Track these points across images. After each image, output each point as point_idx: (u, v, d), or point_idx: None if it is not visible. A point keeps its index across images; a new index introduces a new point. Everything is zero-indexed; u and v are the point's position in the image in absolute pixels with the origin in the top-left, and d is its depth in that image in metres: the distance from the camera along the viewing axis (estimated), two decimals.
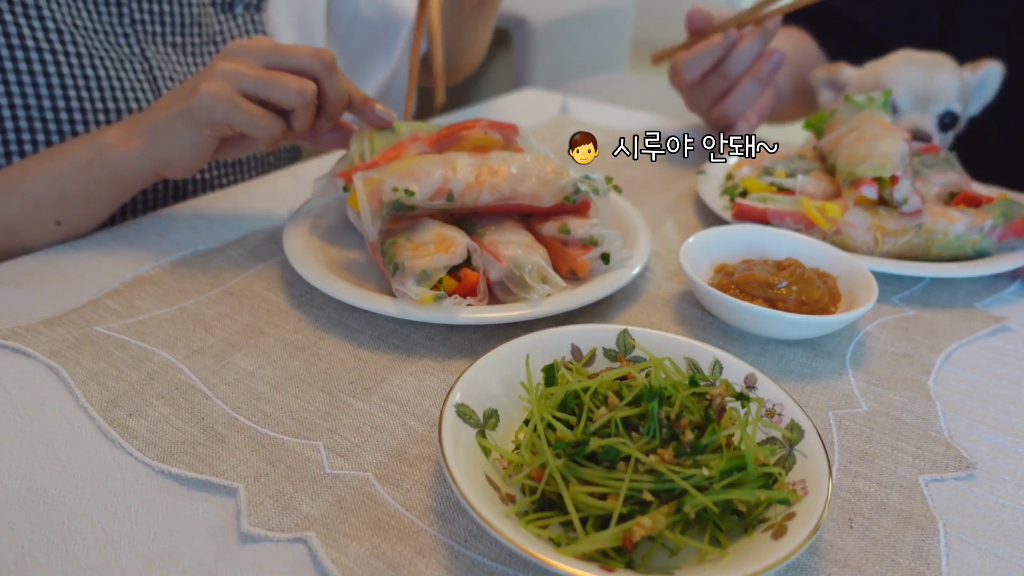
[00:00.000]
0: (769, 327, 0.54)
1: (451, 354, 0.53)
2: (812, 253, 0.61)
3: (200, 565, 0.36)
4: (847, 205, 0.66)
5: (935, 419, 0.49)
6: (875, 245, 0.65)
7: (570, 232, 0.59)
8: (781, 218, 0.67)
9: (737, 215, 0.68)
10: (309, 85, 0.60)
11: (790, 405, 0.43)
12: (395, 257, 0.55)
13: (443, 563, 0.37)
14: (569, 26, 2.28)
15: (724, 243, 0.63)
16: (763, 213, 0.67)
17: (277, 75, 0.59)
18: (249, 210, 0.72)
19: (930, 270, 0.63)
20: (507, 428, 0.43)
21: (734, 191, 0.75)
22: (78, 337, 0.52)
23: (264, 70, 0.59)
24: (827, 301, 0.56)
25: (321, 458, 0.43)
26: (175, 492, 0.40)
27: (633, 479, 0.36)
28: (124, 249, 0.63)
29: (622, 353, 0.48)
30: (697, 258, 0.61)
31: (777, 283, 0.56)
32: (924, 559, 0.39)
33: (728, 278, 0.58)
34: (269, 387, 0.49)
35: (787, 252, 0.61)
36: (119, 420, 0.45)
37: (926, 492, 0.43)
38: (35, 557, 0.36)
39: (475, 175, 0.59)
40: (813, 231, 0.66)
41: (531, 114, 1.08)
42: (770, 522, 0.37)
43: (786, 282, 0.56)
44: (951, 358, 0.56)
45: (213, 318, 0.55)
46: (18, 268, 0.60)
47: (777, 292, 0.55)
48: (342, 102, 0.64)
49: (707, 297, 0.56)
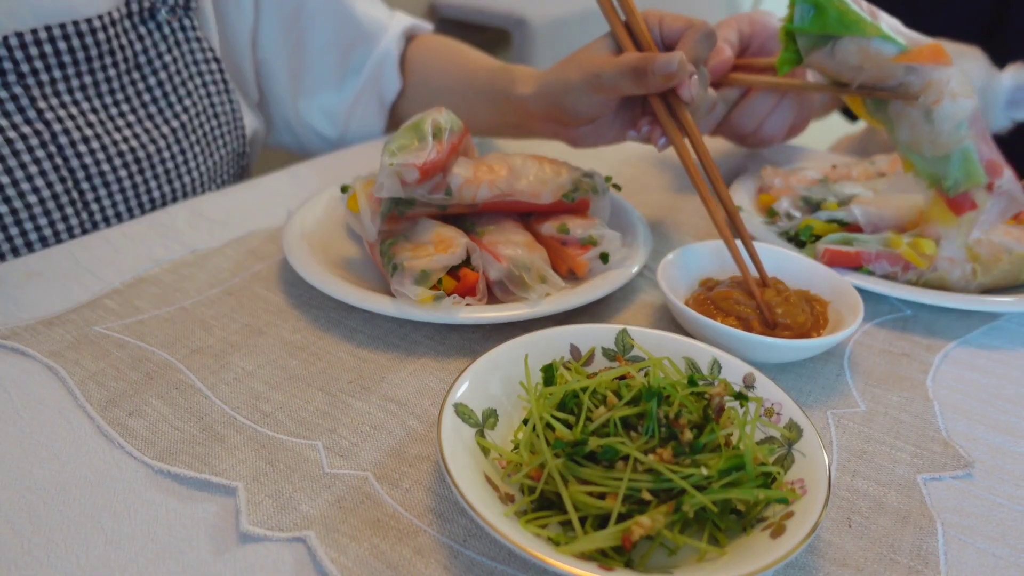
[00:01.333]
0: (739, 349, 0.50)
1: (450, 353, 0.53)
2: (797, 270, 0.59)
3: (199, 564, 0.36)
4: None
5: (933, 418, 0.50)
6: (972, 278, 0.61)
7: (569, 232, 0.59)
8: (876, 260, 0.63)
9: (830, 262, 0.63)
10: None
11: (788, 404, 0.43)
12: (394, 257, 0.55)
13: (442, 563, 0.37)
14: (569, 26, 2.28)
15: (708, 257, 0.61)
16: (856, 257, 0.63)
17: None
18: (249, 210, 0.72)
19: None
20: (506, 428, 0.43)
21: (807, 235, 0.68)
22: (77, 337, 0.52)
23: None
24: (809, 327, 0.53)
25: (320, 458, 0.43)
26: (174, 491, 0.40)
27: (632, 478, 0.36)
28: (124, 249, 0.63)
29: (621, 353, 0.48)
30: (678, 274, 0.58)
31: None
32: (922, 558, 0.39)
33: (708, 293, 0.56)
34: (268, 387, 0.49)
35: (773, 267, 0.59)
36: (118, 420, 0.45)
37: (924, 491, 0.43)
38: (35, 557, 0.36)
39: (473, 171, 0.59)
40: (910, 272, 0.62)
41: None
42: (769, 521, 0.37)
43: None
44: (949, 357, 0.56)
45: (212, 318, 0.55)
46: (18, 268, 0.60)
47: (751, 311, 0.53)
48: None
49: (680, 315, 0.54)
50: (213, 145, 0.80)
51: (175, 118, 0.74)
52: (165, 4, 0.72)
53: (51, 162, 0.65)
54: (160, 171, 0.73)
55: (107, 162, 0.69)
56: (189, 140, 0.76)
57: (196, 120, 0.77)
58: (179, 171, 0.75)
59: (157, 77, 0.73)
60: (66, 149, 0.65)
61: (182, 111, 0.75)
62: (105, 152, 0.69)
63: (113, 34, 0.67)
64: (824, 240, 0.64)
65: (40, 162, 0.64)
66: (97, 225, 0.70)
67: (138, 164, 0.71)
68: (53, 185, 0.65)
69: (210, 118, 0.79)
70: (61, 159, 0.65)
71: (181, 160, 0.75)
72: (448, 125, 0.57)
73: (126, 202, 0.72)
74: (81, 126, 0.66)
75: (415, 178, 0.55)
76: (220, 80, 0.79)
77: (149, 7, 0.70)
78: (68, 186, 0.67)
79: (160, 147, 0.73)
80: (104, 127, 0.68)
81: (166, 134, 0.74)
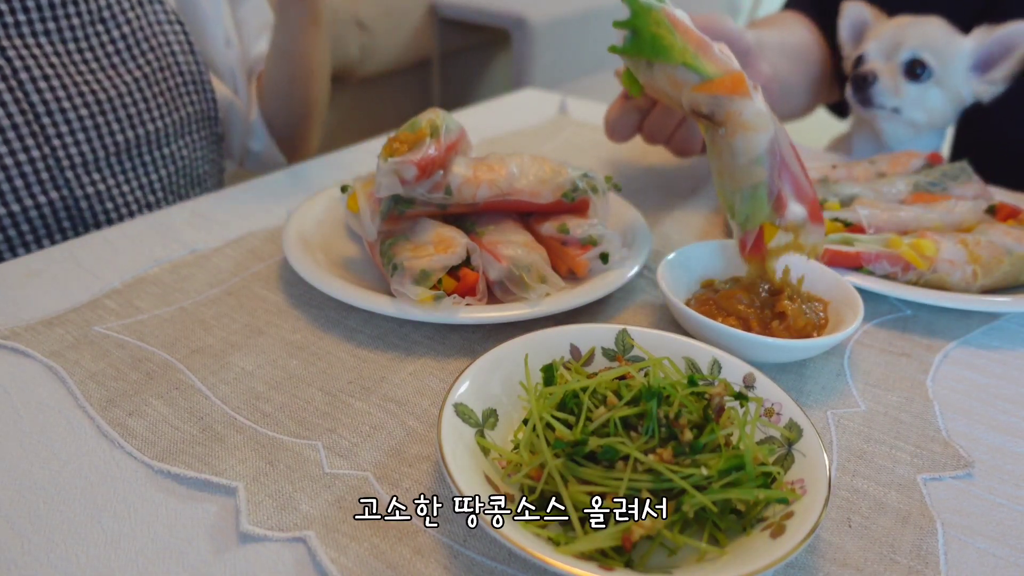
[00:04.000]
0: (739, 349, 0.50)
1: (450, 353, 0.53)
2: (798, 269, 0.58)
3: (199, 564, 0.36)
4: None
5: (933, 418, 0.50)
6: (973, 280, 0.61)
7: (569, 232, 0.59)
8: (876, 261, 0.62)
9: (830, 262, 0.62)
10: None
11: (788, 404, 0.43)
12: (394, 257, 0.55)
13: (442, 563, 0.37)
14: (569, 26, 2.28)
15: (708, 257, 0.61)
16: (856, 258, 0.63)
17: None
18: (248, 210, 0.72)
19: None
20: (506, 428, 0.43)
21: None
22: (77, 337, 0.52)
23: None
24: (811, 329, 0.53)
25: (320, 457, 0.43)
26: (174, 491, 0.40)
27: (632, 478, 0.36)
28: (123, 249, 0.63)
29: (621, 352, 0.48)
30: (678, 274, 0.58)
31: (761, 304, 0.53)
32: (922, 558, 0.39)
33: (712, 294, 0.56)
34: (268, 387, 0.49)
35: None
36: (118, 420, 0.45)
37: (924, 491, 0.43)
38: (35, 557, 0.36)
39: (473, 171, 0.59)
40: (910, 273, 0.62)
41: (530, 114, 1.08)
42: (769, 521, 0.37)
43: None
44: (949, 357, 0.56)
45: (212, 318, 0.55)
46: (18, 268, 0.60)
47: (751, 311, 0.53)
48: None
49: (680, 315, 0.54)
50: (179, 101, 0.82)
51: (137, 68, 0.77)
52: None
53: (11, 95, 0.68)
54: (123, 115, 0.76)
55: (67, 100, 0.71)
56: (152, 91, 0.79)
57: (160, 74, 0.79)
58: (142, 117, 0.77)
59: (120, 31, 0.76)
60: (27, 84, 0.68)
61: (144, 63, 0.78)
62: (66, 91, 0.71)
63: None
64: (824, 240, 0.64)
65: (0, 93, 0.66)
66: (60, 162, 0.71)
67: (99, 106, 0.73)
68: (13, 116, 0.68)
69: (174, 75, 0.81)
70: (22, 93, 0.68)
71: (144, 107, 0.78)
72: (445, 124, 0.57)
73: (89, 142, 0.73)
74: (43, 65, 0.69)
75: (413, 175, 0.54)
76: (184, 42, 0.82)
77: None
78: (28, 119, 0.69)
79: (121, 92, 0.75)
80: (66, 69, 0.71)
81: (128, 82, 0.76)
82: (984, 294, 0.61)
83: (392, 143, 0.55)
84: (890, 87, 0.82)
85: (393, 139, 0.55)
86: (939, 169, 0.76)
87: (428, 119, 0.57)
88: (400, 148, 0.55)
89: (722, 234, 0.74)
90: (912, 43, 0.81)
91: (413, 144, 0.55)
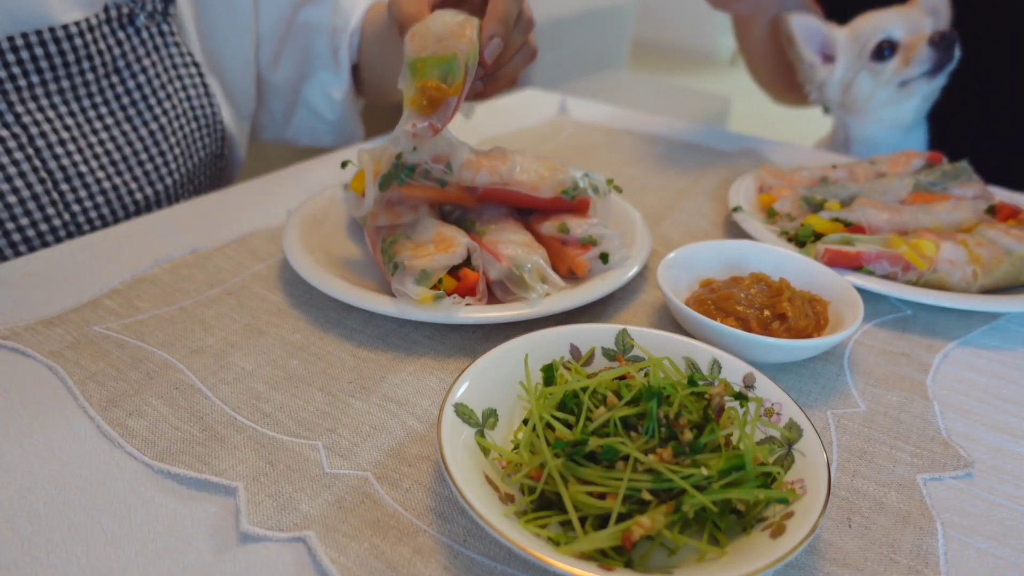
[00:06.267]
0: (739, 349, 0.50)
1: (450, 353, 0.53)
2: (798, 269, 0.59)
3: (199, 564, 0.36)
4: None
5: (933, 418, 0.50)
6: (973, 280, 0.61)
7: (569, 232, 0.59)
8: (876, 261, 0.62)
9: (830, 262, 0.63)
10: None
11: (788, 404, 0.43)
12: (395, 256, 0.55)
13: (442, 563, 0.37)
14: (569, 26, 2.29)
15: (708, 257, 0.61)
16: (856, 258, 0.62)
17: None
18: (249, 210, 0.72)
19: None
20: (506, 428, 0.43)
21: (806, 235, 0.68)
22: (77, 337, 0.52)
23: None
24: (812, 329, 0.53)
25: (320, 457, 0.43)
26: (174, 491, 0.40)
27: (632, 478, 0.36)
28: (124, 249, 0.63)
29: (621, 353, 0.48)
30: (678, 274, 0.58)
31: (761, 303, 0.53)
32: (922, 558, 0.39)
33: (710, 294, 0.56)
34: (268, 387, 0.49)
35: (772, 267, 0.59)
36: (118, 420, 0.45)
37: (924, 491, 0.43)
38: (35, 557, 0.36)
39: (476, 156, 0.59)
40: (910, 273, 0.62)
41: (530, 114, 1.08)
42: (769, 521, 0.37)
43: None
44: (949, 357, 0.56)
45: (212, 318, 0.55)
46: (18, 268, 0.60)
47: (751, 311, 0.53)
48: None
49: (680, 315, 0.54)
50: (192, 148, 0.80)
51: (154, 120, 0.75)
52: (144, 10, 0.72)
53: (29, 163, 0.65)
54: (139, 173, 0.74)
55: (84, 163, 0.69)
56: (168, 142, 0.76)
57: (176, 123, 0.77)
58: (159, 173, 0.76)
59: (136, 80, 0.73)
60: (44, 151, 0.66)
61: (161, 113, 0.76)
62: (82, 154, 0.69)
63: (91, 39, 0.68)
64: (824, 240, 0.64)
65: (19, 163, 0.65)
66: (80, 227, 0.70)
67: (114, 167, 0.72)
68: (33, 186, 0.66)
69: (189, 120, 0.79)
70: (39, 161, 0.66)
71: (161, 162, 0.76)
72: (467, 61, 0.55)
73: (108, 204, 0.72)
74: (58, 128, 0.67)
75: (429, 136, 0.55)
76: (200, 84, 0.80)
77: (128, 13, 0.71)
78: (48, 187, 0.67)
79: (137, 149, 0.74)
80: (81, 129, 0.69)
81: (143, 136, 0.74)
82: (984, 294, 0.61)
83: (425, 90, 0.53)
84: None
85: (426, 84, 0.54)
86: (939, 169, 0.76)
87: (463, 61, 0.55)
88: (425, 108, 0.53)
89: (722, 234, 0.74)
90: (882, 27, 0.88)
91: (439, 104, 0.53)
